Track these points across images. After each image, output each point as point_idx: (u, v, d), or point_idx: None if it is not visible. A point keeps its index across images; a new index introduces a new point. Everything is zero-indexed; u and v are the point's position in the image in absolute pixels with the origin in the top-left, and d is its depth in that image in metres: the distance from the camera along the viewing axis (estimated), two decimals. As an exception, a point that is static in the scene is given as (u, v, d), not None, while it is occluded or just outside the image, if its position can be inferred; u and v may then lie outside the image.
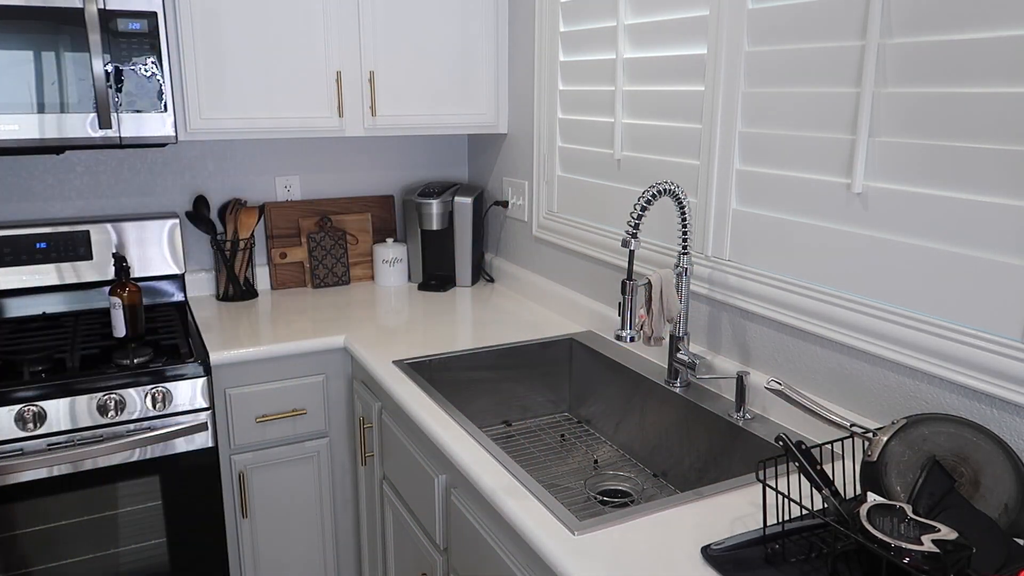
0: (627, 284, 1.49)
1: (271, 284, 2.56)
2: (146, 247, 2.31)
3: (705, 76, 1.66)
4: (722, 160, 1.63)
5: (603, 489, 1.70)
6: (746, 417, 1.55)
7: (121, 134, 1.95)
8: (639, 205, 1.49)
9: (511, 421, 2.02)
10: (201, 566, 2.02)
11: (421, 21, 2.28)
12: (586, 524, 1.17)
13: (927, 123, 1.24)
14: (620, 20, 1.88)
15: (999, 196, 1.16)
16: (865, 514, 1.00)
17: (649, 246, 1.87)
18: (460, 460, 1.40)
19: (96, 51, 1.86)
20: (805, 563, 1.05)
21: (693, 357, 1.67)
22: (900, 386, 1.33)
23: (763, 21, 1.51)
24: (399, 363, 1.86)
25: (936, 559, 0.92)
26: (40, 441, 1.79)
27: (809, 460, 1.12)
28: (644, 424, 1.79)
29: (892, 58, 1.28)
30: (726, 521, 1.19)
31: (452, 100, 2.38)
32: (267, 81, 2.14)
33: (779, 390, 1.32)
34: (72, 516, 1.86)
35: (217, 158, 2.46)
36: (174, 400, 1.89)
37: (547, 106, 2.22)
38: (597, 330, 2.09)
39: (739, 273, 1.62)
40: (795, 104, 1.46)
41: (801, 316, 1.48)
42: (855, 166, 1.35)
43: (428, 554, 1.64)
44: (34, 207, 2.28)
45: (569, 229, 2.18)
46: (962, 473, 1.13)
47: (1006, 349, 1.16)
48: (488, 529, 1.36)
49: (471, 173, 2.80)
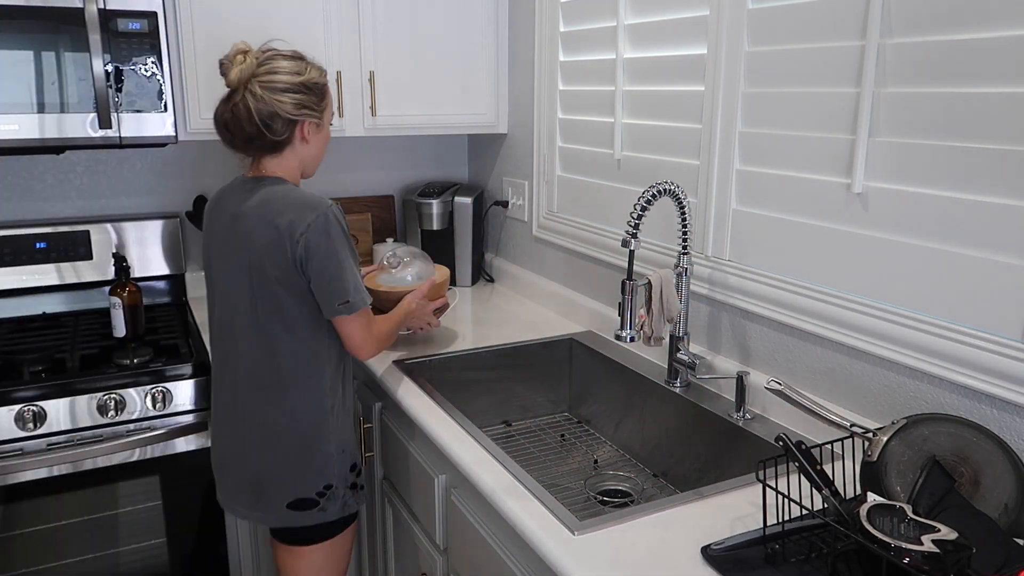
0: (627, 284, 1.49)
1: (271, 284, 2.55)
2: (146, 247, 2.31)
3: (705, 76, 1.66)
4: (722, 160, 1.63)
5: (603, 489, 1.70)
6: (746, 417, 1.55)
7: (121, 134, 1.95)
8: (639, 205, 1.49)
9: (511, 421, 2.02)
10: (201, 566, 2.02)
11: (421, 21, 2.28)
12: (586, 524, 1.17)
13: (927, 123, 1.24)
14: (620, 20, 1.88)
15: (999, 196, 1.16)
16: (865, 514, 1.00)
17: (649, 246, 1.87)
18: (460, 460, 1.40)
19: (96, 51, 1.86)
20: (805, 563, 1.05)
21: (693, 357, 1.67)
22: (900, 386, 1.33)
23: (763, 21, 1.51)
24: (399, 363, 1.86)
25: (936, 559, 0.92)
26: (40, 441, 1.79)
27: (809, 460, 1.12)
28: (644, 424, 1.79)
29: (892, 58, 1.28)
30: (726, 521, 1.19)
31: (452, 100, 2.38)
32: (267, 81, 2.14)
33: (779, 390, 1.32)
34: (72, 516, 1.86)
35: (217, 158, 2.46)
36: (174, 400, 1.89)
37: (547, 106, 2.22)
38: (597, 330, 2.09)
39: (739, 273, 1.62)
40: (795, 104, 1.46)
41: (801, 316, 1.48)
42: (855, 166, 1.35)
43: (428, 554, 1.64)
44: (34, 207, 2.28)
45: (569, 229, 2.18)
46: (962, 473, 1.13)
47: (1006, 349, 1.16)
48: (488, 529, 1.36)
49: (471, 173, 2.80)
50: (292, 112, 1.47)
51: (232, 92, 1.48)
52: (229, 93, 1.49)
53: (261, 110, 1.45)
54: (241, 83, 1.46)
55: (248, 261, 1.48)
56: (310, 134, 1.53)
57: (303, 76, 1.48)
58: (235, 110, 1.46)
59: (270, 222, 1.45)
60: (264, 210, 1.46)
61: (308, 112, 1.50)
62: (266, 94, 1.44)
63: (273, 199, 1.47)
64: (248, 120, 1.45)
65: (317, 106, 1.52)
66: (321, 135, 1.56)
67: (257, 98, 1.45)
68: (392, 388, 1.73)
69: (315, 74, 1.52)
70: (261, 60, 1.47)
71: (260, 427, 1.52)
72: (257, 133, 1.47)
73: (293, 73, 1.47)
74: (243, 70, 1.44)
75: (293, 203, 1.46)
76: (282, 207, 1.45)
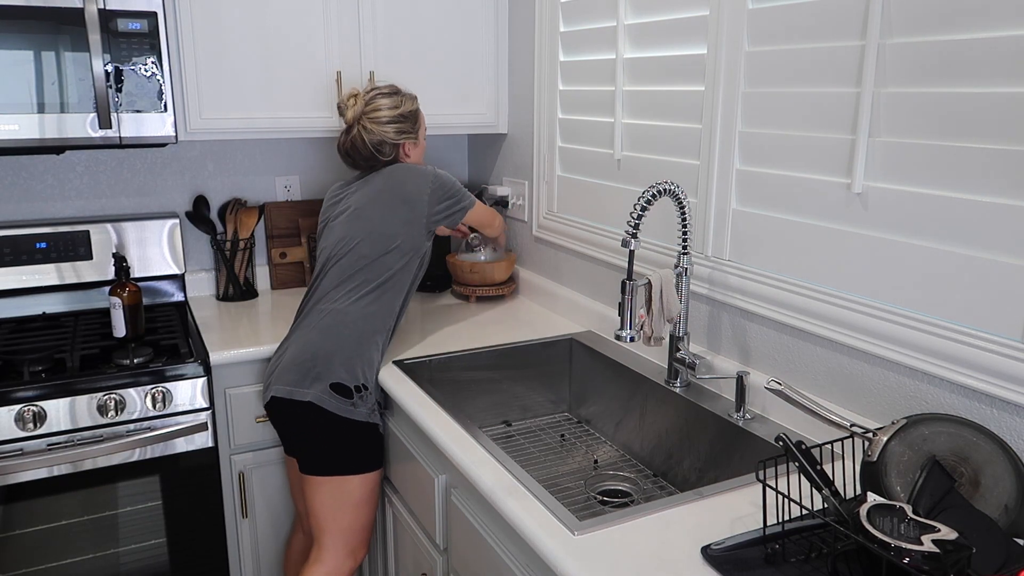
0: (627, 284, 1.49)
1: (271, 284, 2.56)
2: (146, 247, 2.31)
3: (705, 76, 1.66)
4: (722, 160, 1.63)
5: (603, 489, 1.70)
6: (746, 417, 1.55)
7: (121, 134, 1.95)
8: (639, 205, 1.49)
9: (511, 421, 2.02)
10: (201, 566, 2.02)
11: (421, 21, 2.28)
12: (586, 524, 1.17)
13: (927, 123, 1.24)
14: (620, 20, 1.88)
15: (999, 196, 1.16)
16: (865, 514, 1.00)
17: (649, 246, 1.87)
18: (460, 460, 1.40)
19: (96, 51, 1.86)
20: (805, 563, 1.05)
21: (693, 357, 1.67)
22: (900, 386, 1.33)
23: (763, 21, 1.51)
24: (399, 363, 1.86)
25: (936, 559, 0.92)
26: (40, 441, 1.79)
27: (809, 460, 1.12)
28: (644, 424, 1.79)
29: (892, 58, 1.28)
30: (726, 521, 1.19)
31: (452, 100, 2.38)
32: (267, 81, 2.14)
33: (779, 390, 1.32)
34: (72, 516, 1.86)
35: (217, 158, 2.46)
36: (174, 400, 1.90)
37: (547, 106, 2.22)
38: (597, 330, 2.09)
39: (739, 273, 1.62)
40: (795, 104, 1.46)
41: (801, 316, 1.48)
42: (855, 166, 1.35)
43: (428, 554, 1.64)
44: (34, 207, 2.28)
45: (569, 229, 2.18)
46: (962, 473, 1.13)
47: (1006, 349, 1.16)
48: (488, 529, 1.36)
49: (471, 173, 2.80)
50: (394, 138, 1.89)
51: (349, 127, 1.90)
52: (347, 128, 1.90)
53: (372, 140, 1.87)
54: (355, 121, 1.88)
55: (375, 204, 1.85)
56: (410, 150, 1.95)
57: (400, 109, 1.90)
58: (353, 141, 1.89)
59: (399, 181, 1.86)
60: (392, 176, 1.88)
61: (406, 135, 1.91)
62: (374, 127, 1.87)
63: (396, 169, 1.90)
64: (363, 147, 1.89)
65: (413, 128, 1.93)
66: (419, 148, 1.98)
67: (368, 131, 1.87)
68: (392, 388, 1.73)
69: (408, 104, 1.92)
70: (367, 100, 1.89)
71: (332, 314, 1.80)
72: (371, 156, 1.90)
73: (392, 108, 1.89)
74: (355, 111, 1.88)
75: (409, 169, 1.90)
76: (404, 173, 1.89)
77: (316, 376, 1.73)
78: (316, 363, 1.74)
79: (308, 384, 1.73)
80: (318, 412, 1.72)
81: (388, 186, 1.86)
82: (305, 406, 1.72)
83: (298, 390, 1.73)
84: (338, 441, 1.74)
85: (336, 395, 1.73)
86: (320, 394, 1.72)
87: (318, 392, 1.72)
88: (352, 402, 1.74)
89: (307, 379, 1.73)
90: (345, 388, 1.74)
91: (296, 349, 1.78)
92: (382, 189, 1.86)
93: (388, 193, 1.85)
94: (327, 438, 1.74)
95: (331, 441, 1.74)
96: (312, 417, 1.73)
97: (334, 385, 1.73)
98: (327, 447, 1.74)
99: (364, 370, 1.77)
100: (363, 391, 1.76)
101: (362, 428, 1.75)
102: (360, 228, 1.84)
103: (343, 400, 1.73)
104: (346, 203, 1.90)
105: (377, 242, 1.82)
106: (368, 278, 1.81)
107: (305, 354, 1.76)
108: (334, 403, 1.72)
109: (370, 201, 1.85)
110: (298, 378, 1.74)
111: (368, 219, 1.84)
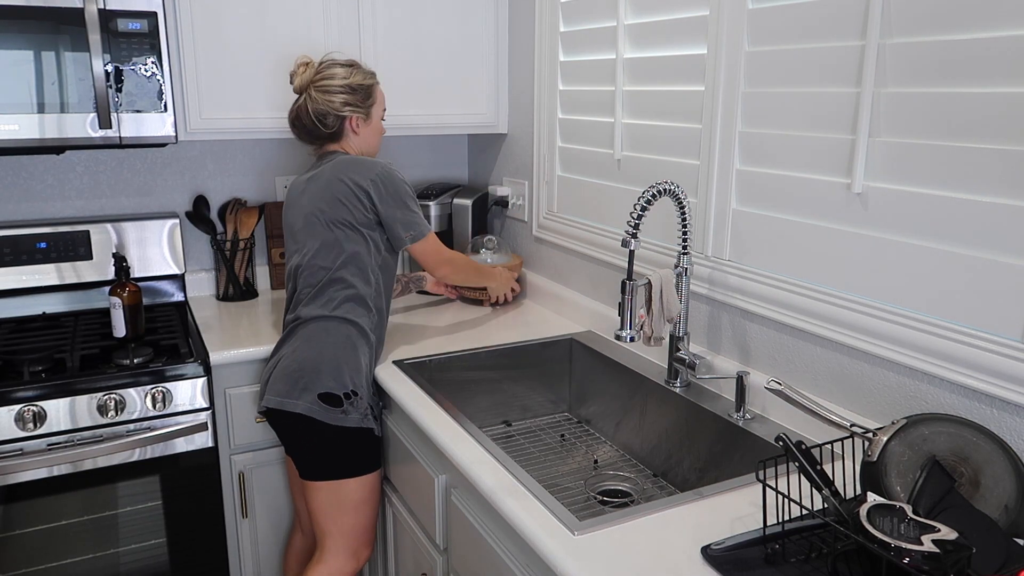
0: (627, 284, 1.49)
1: (271, 284, 2.56)
2: (146, 247, 2.31)
3: (705, 76, 1.66)
4: (722, 160, 1.63)
5: (603, 489, 1.70)
6: (746, 417, 1.55)
7: (121, 134, 1.95)
8: (639, 205, 1.49)
9: (511, 421, 2.02)
10: (201, 566, 2.02)
11: (421, 21, 2.28)
12: (586, 524, 1.17)
13: (927, 123, 1.24)
14: (620, 20, 1.88)
15: (999, 196, 1.16)
16: (865, 514, 1.00)
17: (649, 246, 1.87)
18: (460, 460, 1.40)
19: (96, 51, 1.86)
20: (805, 563, 1.05)
21: (693, 357, 1.67)
22: (900, 386, 1.33)
23: (763, 21, 1.51)
24: (399, 363, 1.86)
25: (936, 559, 0.92)
26: (40, 441, 1.79)
27: (809, 460, 1.12)
28: (644, 424, 1.79)
29: (892, 58, 1.28)
30: (726, 521, 1.19)
31: (452, 100, 2.38)
32: (267, 81, 2.14)
33: (779, 390, 1.32)
34: (72, 516, 1.86)
35: (217, 158, 2.46)
36: (174, 400, 1.90)
37: (547, 106, 2.22)
38: (597, 330, 2.09)
39: (739, 273, 1.62)
40: (795, 104, 1.46)
41: (801, 316, 1.48)
42: (855, 166, 1.35)
43: (428, 554, 1.64)
44: (34, 207, 2.28)
45: (569, 229, 2.18)
46: (962, 473, 1.13)
47: (1006, 349, 1.16)
48: (488, 529, 1.36)
49: (471, 173, 2.80)
50: (339, 109, 1.80)
51: (298, 96, 1.83)
52: (297, 97, 1.83)
53: (315, 109, 1.80)
54: (303, 88, 1.81)
55: (320, 207, 1.77)
56: (359, 126, 1.85)
57: (349, 79, 1.81)
58: (299, 110, 1.82)
59: (339, 178, 1.76)
60: (335, 170, 1.78)
61: (354, 108, 1.82)
62: (319, 95, 1.79)
63: (340, 162, 1.79)
64: (306, 116, 1.81)
65: (363, 103, 1.84)
66: (371, 128, 1.88)
67: (312, 100, 1.79)
68: (392, 388, 1.73)
69: (360, 77, 1.83)
70: (319, 69, 1.81)
71: (314, 321, 1.76)
72: (313, 127, 1.81)
73: (343, 78, 1.80)
74: (304, 78, 1.81)
75: (355, 162, 1.79)
76: (347, 167, 1.78)
77: (304, 387, 1.71)
78: (304, 374, 1.72)
79: (297, 395, 1.71)
80: (309, 422, 1.71)
81: (329, 184, 1.77)
82: (296, 417, 1.72)
83: (288, 401, 1.72)
84: (332, 448, 1.73)
85: (325, 405, 1.71)
86: (310, 405, 1.70)
87: (307, 404, 1.70)
88: (343, 410, 1.72)
89: (296, 390, 1.71)
90: (334, 397, 1.71)
91: (286, 360, 1.76)
92: (324, 187, 1.77)
93: (329, 191, 1.76)
94: (321, 446, 1.73)
95: (325, 448, 1.73)
96: (303, 427, 1.72)
97: (323, 395, 1.71)
98: (321, 454, 1.74)
99: (352, 376, 1.74)
100: (353, 397, 1.73)
101: (355, 434, 1.74)
102: (313, 237, 1.78)
103: (333, 409, 1.71)
104: (299, 205, 1.83)
105: (328, 255, 1.77)
106: (335, 289, 1.77)
107: (293, 364, 1.74)
108: (324, 413, 1.71)
109: (316, 208, 1.77)
110: (288, 388, 1.72)
111: (315, 225, 1.77)
